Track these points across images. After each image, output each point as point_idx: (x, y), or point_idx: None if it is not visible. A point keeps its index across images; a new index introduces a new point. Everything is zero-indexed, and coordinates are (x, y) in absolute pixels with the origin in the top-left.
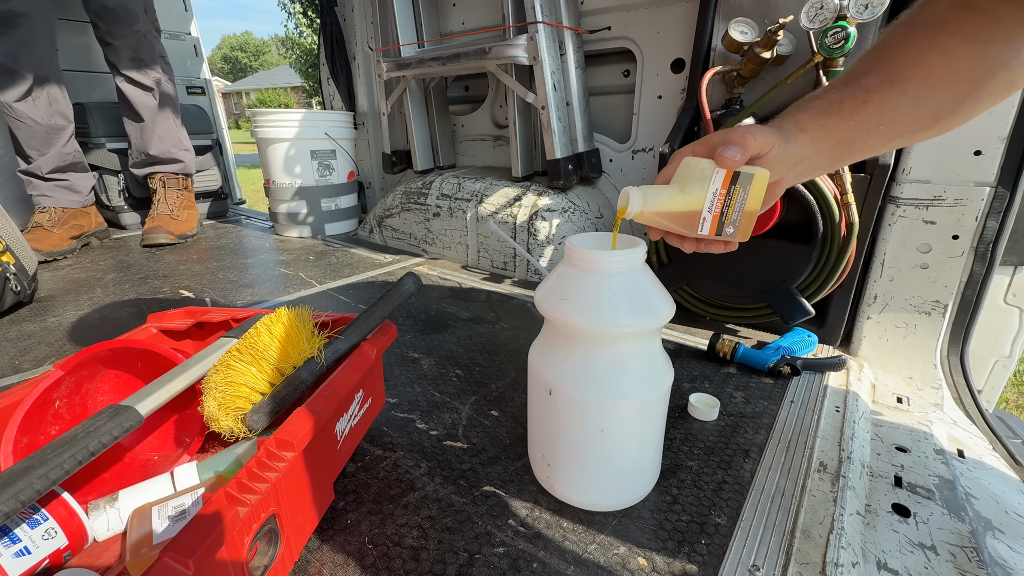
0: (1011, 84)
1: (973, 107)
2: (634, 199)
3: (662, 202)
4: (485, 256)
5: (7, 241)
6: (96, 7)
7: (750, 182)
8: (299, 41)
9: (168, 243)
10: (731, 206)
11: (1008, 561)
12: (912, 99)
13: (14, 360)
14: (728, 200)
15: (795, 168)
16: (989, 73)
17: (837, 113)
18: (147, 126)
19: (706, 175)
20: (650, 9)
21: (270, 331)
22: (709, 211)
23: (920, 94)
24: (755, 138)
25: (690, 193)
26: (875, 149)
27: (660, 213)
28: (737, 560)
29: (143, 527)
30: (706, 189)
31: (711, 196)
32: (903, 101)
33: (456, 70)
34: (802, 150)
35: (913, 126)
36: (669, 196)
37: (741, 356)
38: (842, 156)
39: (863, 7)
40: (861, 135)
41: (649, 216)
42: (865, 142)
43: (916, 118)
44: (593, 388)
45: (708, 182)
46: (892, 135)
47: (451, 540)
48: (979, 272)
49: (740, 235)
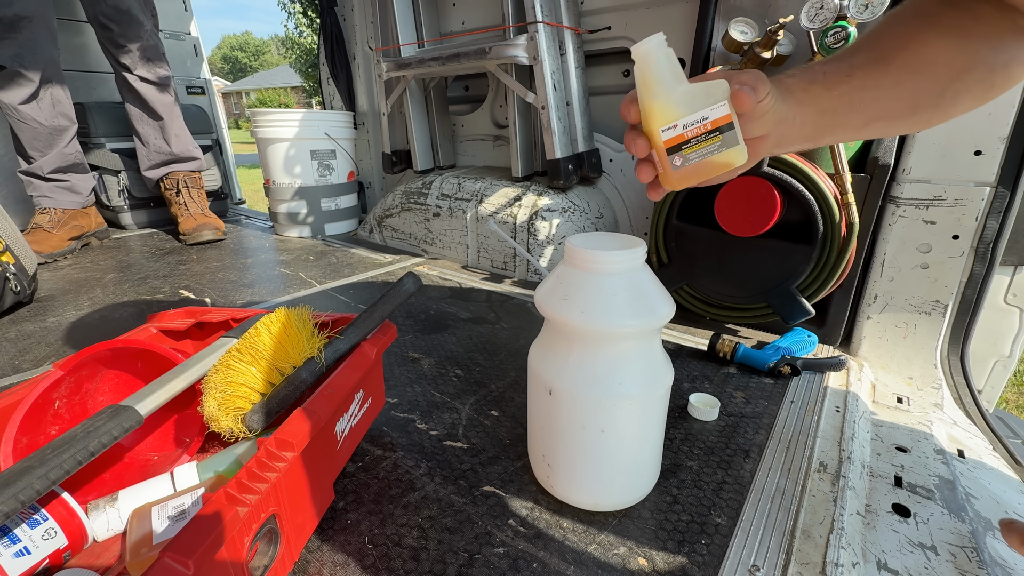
0: (990, 85)
1: (953, 101)
2: (655, 40)
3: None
4: (485, 256)
5: (7, 241)
6: (108, 10)
7: (730, 146)
8: (299, 41)
9: (216, 239)
10: (701, 144)
11: (1008, 561)
12: (894, 81)
13: (14, 360)
14: (705, 137)
15: (778, 127)
16: (967, 67)
17: (821, 82)
18: (166, 124)
19: (714, 96)
20: (650, 9)
21: (270, 331)
22: (685, 125)
23: (902, 77)
24: (763, 85)
25: (690, 93)
26: (856, 128)
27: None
28: (737, 560)
29: (143, 527)
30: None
31: (700, 116)
32: (885, 81)
33: (456, 70)
34: (787, 110)
35: (894, 109)
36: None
37: (741, 356)
38: (823, 129)
39: (863, 7)
40: (843, 108)
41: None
42: (846, 116)
43: (897, 100)
44: (593, 388)
45: (711, 103)
46: (873, 114)
47: (451, 540)
48: (979, 272)
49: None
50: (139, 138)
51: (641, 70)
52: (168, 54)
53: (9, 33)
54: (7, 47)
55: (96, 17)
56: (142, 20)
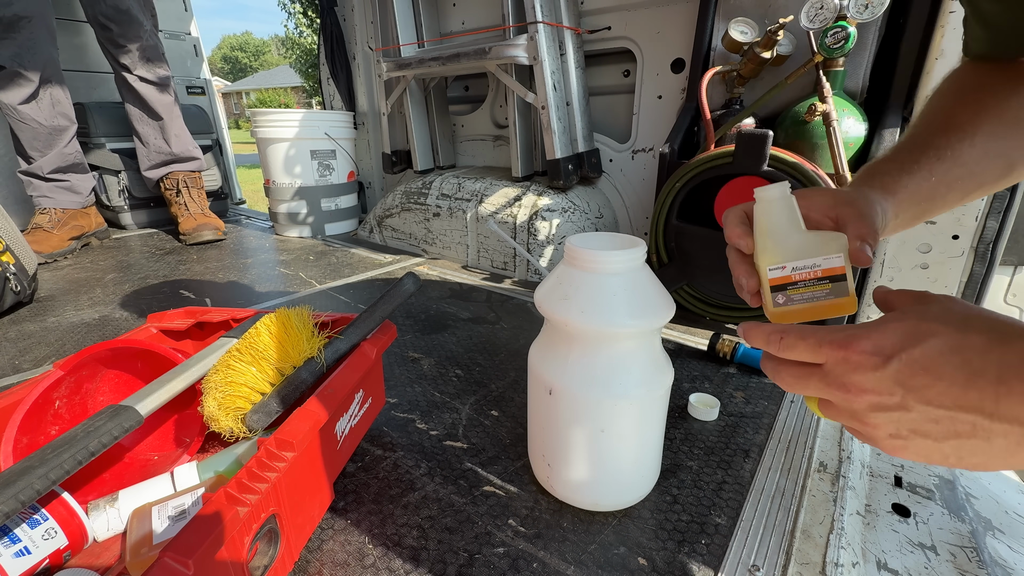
0: None
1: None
2: (782, 188)
3: (786, 219)
4: (485, 256)
5: (7, 241)
6: (108, 10)
7: (838, 296)
8: (299, 41)
9: (216, 239)
10: (807, 288)
11: (1008, 561)
12: (983, 152)
13: (14, 360)
14: (812, 283)
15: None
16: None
17: (917, 172)
18: (166, 124)
19: (829, 247)
20: (650, 9)
21: (270, 331)
22: (794, 269)
23: (990, 146)
24: (876, 240)
25: (806, 240)
26: (956, 202)
27: (776, 222)
28: (737, 560)
29: (143, 527)
30: (817, 254)
31: (811, 262)
32: (975, 153)
33: (456, 70)
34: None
35: (991, 176)
36: (794, 224)
37: (741, 356)
38: (923, 214)
39: (863, 7)
40: (942, 191)
41: (770, 210)
42: (945, 197)
43: (991, 168)
44: (593, 388)
45: (825, 253)
46: (971, 188)
47: (451, 540)
48: (979, 272)
49: (778, 315)
50: (139, 138)
51: (761, 213)
52: (168, 54)
53: (8, 33)
54: (6, 47)
55: (96, 17)
56: (141, 20)
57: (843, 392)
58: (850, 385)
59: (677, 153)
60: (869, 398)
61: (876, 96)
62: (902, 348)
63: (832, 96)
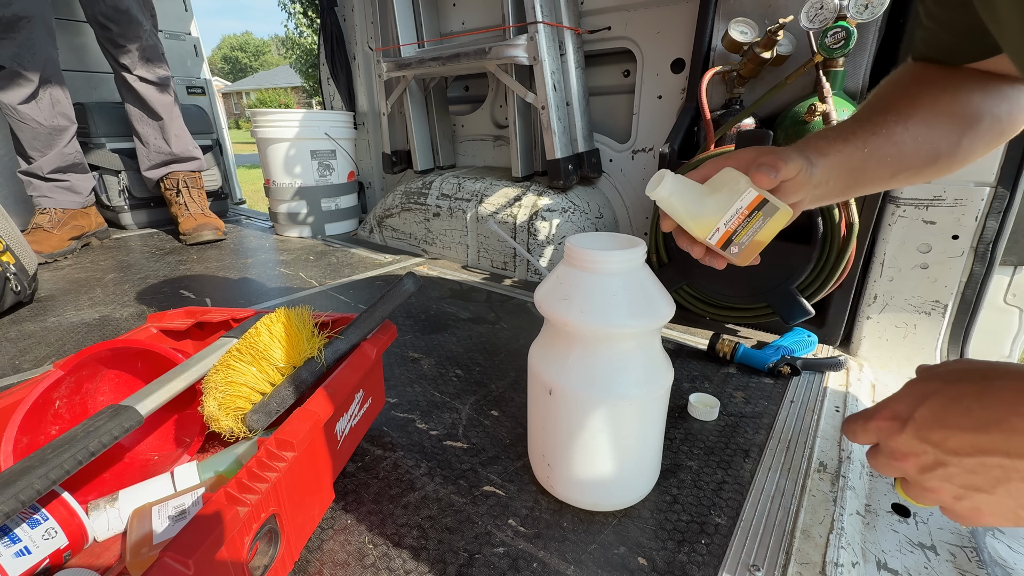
0: (1000, 132)
1: (970, 148)
2: (666, 182)
3: (689, 196)
4: (485, 256)
5: (7, 241)
6: (107, 10)
7: (772, 215)
8: (299, 41)
9: (216, 239)
10: (746, 228)
11: (1008, 561)
12: (913, 136)
13: (14, 360)
14: (746, 222)
15: (814, 192)
16: (975, 119)
17: (853, 141)
18: (166, 124)
19: (738, 190)
20: (650, 9)
21: (270, 331)
22: (725, 224)
23: (919, 131)
24: (786, 163)
25: (717, 199)
26: (884, 180)
27: (681, 207)
28: (737, 560)
29: (143, 527)
30: (732, 202)
31: (733, 211)
32: (906, 136)
33: (456, 70)
34: (822, 174)
35: (917, 160)
36: (698, 194)
37: (741, 356)
38: (855, 184)
39: (863, 7)
40: (872, 164)
41: (671, 204)
42: (875, 172)
43: (918, 152)
44: (593, 388)
45: (737, 197)
46: (899, 167)
47: (451, 540)
48: (979, 272)
49: (741, 259)
50: (139, 138)
51: (668, 208)
52: (168, 54)
53: (8, 33)
54: (6, 47)
55: (95, 17)
56: (141, 20)
57: (893, 460)
58: (894, 452)
59: (677, 153)
60: (912, 461)
61: None
62: (913, 408)
63: (832, 96)
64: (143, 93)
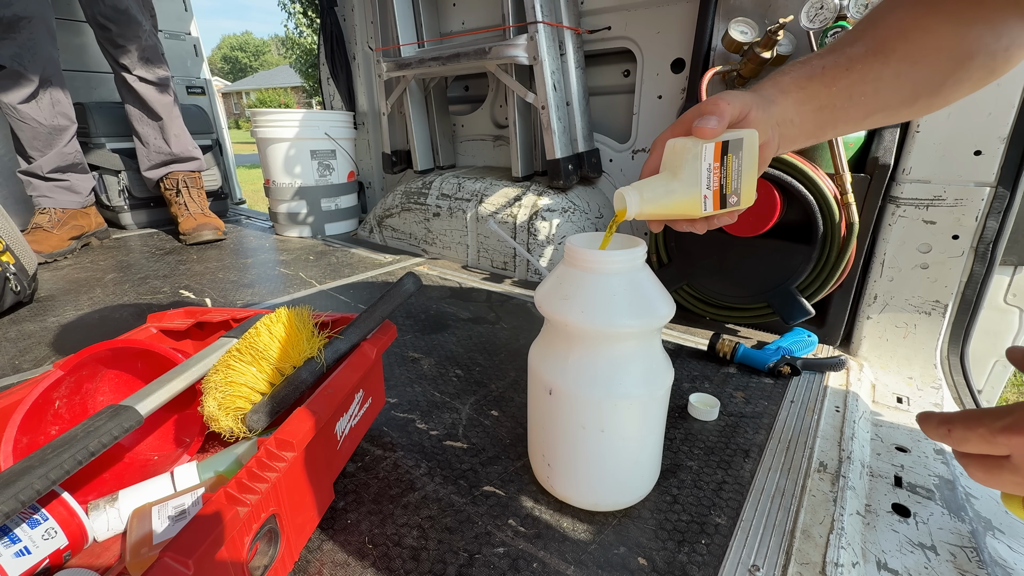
0: (991, 70)
1: (954, 88)
2: (631, 200)
3: (659, 194)
4: (485, 256)
5: (7, 241)
6: (107, 11)
7: (741, 146)
8: (299, 41)
9: (216, 239)
10: (728, 175)
11: (1008, 561)
12: (894, 72)
13: (14, 360)
14: (724, 171)
15: (779, 130)
16: (969, 54)
17: (820, 78)
18: (165, 124)
19: (694, 153)
20: (650, 9)
21: (270, 331)
22: (708, 188)
23: (902, 68)
24: (728, 103)
25: (683, 177)
26: (857, 120)
27: (660, 206)
28: (737, 560)
29: (143, 527)
30: (699, 167)
31: (706, 173)
32: (885, 73)
33: (456, 70)
34: (784, 111)
35: (894, 100)
36: (664, 185)
37: (741, 356)
38: (825, 124)
39: (863, 7)
40: (842, 103)
41: (650, 212)
42: (847, 111)
43: (897, 91)
44: (593, 388)
45: (699, 160)
46: (874, 107)
47: (451, 540)
48: (979, 272)
49: (745, 201)
50: (139, 138)
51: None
52: (168, 54)
53: (8, 33)
54: (6, 47)
55: (95, 17)
56: (140, 20)
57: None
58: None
59: None
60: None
61: None
62: None
63: None
64: (143, 93)
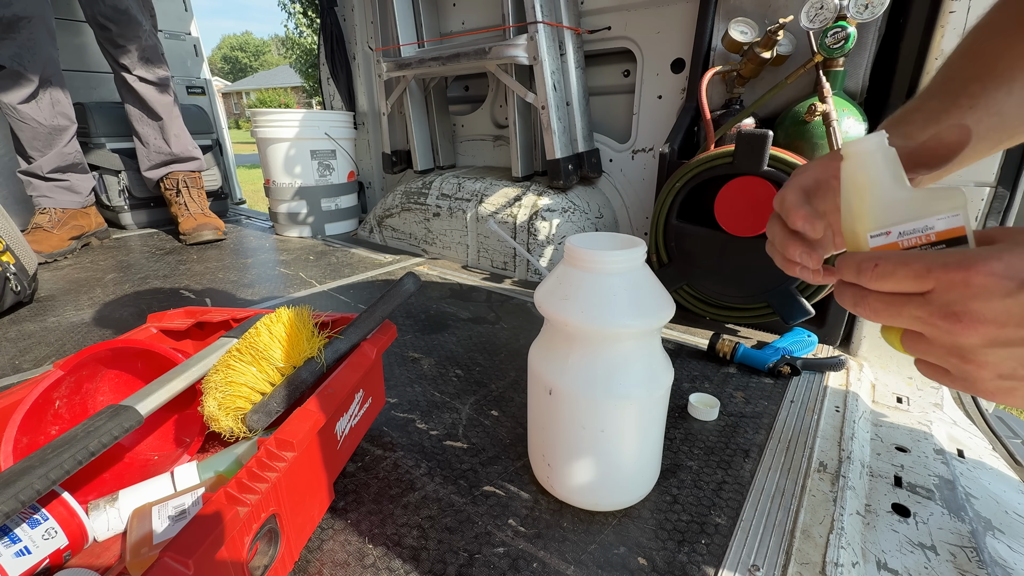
0: None
1: None
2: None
3: (884, 175)
4: (485, 256)
5: (7, 241)
6: (106, 10)
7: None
8: (299, 41)
9: (216, 239)
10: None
11: (1008, 561)
12: (1020, 99)
13: (14, 360)
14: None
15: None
16: None
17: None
18: (165, 124)
19: (944, 205)
20: (650, 9)
21: (270, 331)
22: (901, 234)
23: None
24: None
25: (912, 199)
26: (985, 152)
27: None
28: (737, 560)
29: (143, 527)
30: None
31: (920, 224)
32: (1010, 102)
33: (456, 70)
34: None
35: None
36: (894, 180)
37: (741, 356)
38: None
39: (863, 7)
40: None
41: (860, 171)
42: (974, 148)
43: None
44: (593, 388)
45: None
46: (1001, 138)
47: (451, 540)
48: None
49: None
50: (139, 138)
51: (856, 169)
52: (168, 54)
53: (8, 33)
54: (6, 47)
55: (95, 17)
56: (140, 20)
57: (951, 322)
58: (965, 314)
59: (677, 153)
60: (987, 330)
61: (876, 96)
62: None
63: (832, 96)
64: (143, 93)
